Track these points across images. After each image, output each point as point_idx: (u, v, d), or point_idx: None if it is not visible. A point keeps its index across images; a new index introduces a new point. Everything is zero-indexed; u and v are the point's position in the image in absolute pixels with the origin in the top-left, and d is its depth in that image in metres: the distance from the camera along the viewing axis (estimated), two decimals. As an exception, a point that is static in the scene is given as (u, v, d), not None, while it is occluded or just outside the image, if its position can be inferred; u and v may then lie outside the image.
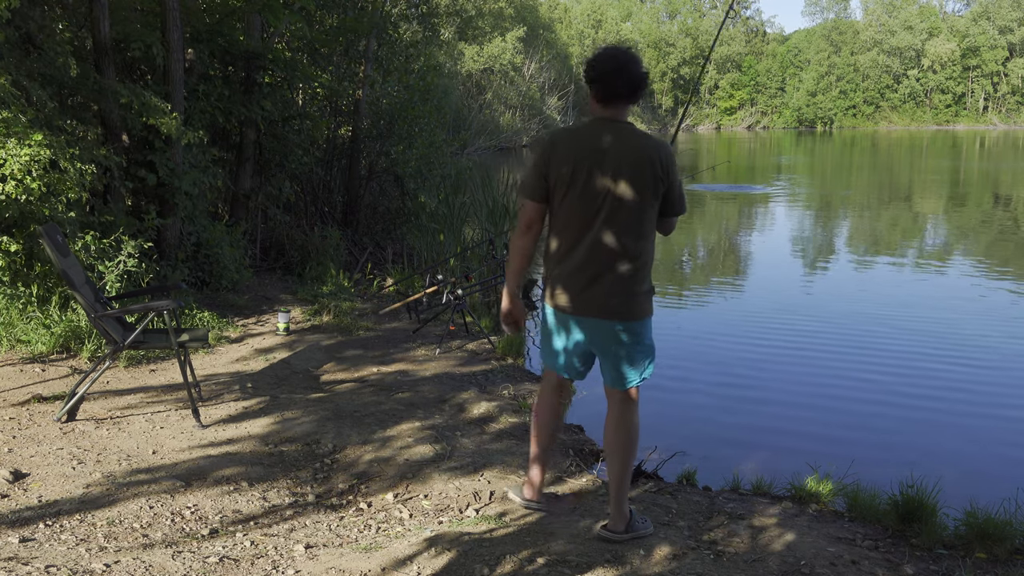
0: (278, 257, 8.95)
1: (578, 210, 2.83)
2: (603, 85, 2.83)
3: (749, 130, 74.26)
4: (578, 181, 2.81)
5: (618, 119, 2.86)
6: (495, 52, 39.33)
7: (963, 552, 3.16)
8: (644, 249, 2.88)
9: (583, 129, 2.88)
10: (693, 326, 7.88)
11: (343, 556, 2.95)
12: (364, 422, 4.39)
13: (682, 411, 5.52)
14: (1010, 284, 9.74)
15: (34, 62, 6.03)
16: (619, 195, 2.79)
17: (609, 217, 2.81)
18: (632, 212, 2.81)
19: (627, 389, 3.03)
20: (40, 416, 4.35)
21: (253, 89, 8.11)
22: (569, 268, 2.88)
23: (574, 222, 2.85)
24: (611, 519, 3.06)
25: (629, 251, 2.83)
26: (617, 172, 2.79)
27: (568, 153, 2.82)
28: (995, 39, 73.10)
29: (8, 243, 5.50)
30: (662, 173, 2.82)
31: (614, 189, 2.79)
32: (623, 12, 74.82)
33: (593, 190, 2.80)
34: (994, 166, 30.99)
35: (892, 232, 14.41)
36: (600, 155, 2.80)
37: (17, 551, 2.85)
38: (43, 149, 5.21)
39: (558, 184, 2.84)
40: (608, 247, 2.82)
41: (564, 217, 2.87)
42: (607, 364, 3.00)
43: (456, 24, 27.36)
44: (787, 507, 3.56)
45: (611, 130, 2.83)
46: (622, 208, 2.80)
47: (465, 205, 10.58)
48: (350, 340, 6.34)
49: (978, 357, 6.66)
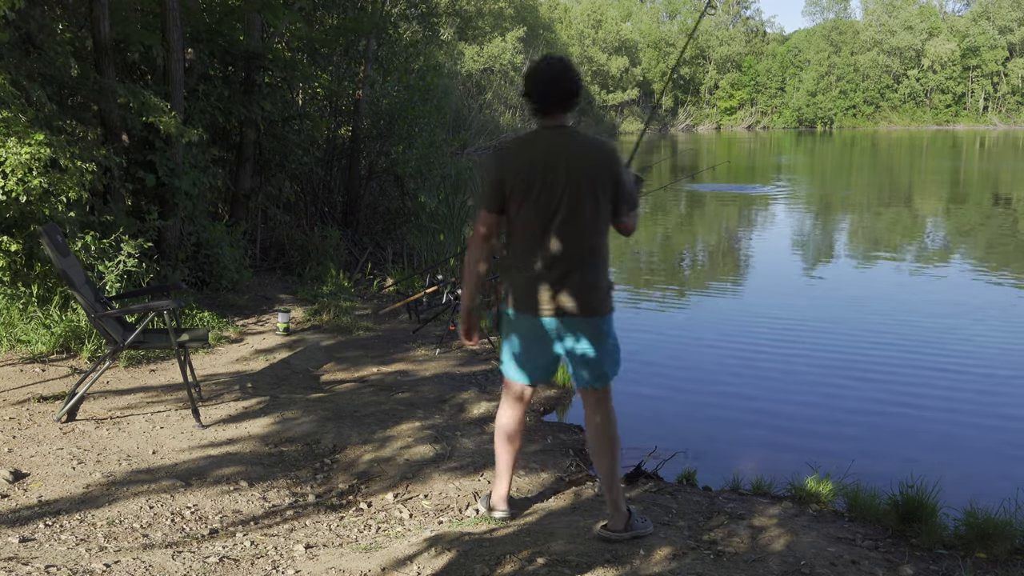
0: (278, 257, 8.95)
1: (535, 216, 2.93)
2: (538, 99, 2.97)
3: (749, 130, 74.23)
4: (532, 188, 2.92)
5: (563, 126, 2.99)
6: (495, 52, 39.34)
7: (963, 552, 3.16)
8: (600, 247, 2.99)
9: (532, 138, 3.00)
10: (693, 326, 7.88)
11: (343, 556, 2.95)
12: (364, 422, 4.39)
13: (682, 411, 5.52)
14: (1010, 284, 9.74)
15: (34, 62, 6.03)
16: (572, 198, 2.90)
17: (564, 220, 2.91)
18: (585, 213, 2.92)
19: (605, 387, 3.08)
20: (40, 416, 4.35)
21: (253, 89, 8.11)
22: (531, 272, 2.96)
23: (531, 228, 2.95)
24: (610, 519, 3.10)
25: (586, 250, 2.95)
26: (568, 176, 2.90)
27: (521, 163, 2.94)
28: (995, 39, 73.07)
29: (8, 243, 5.50)
30: (609, 173, 2.95)
31: (567, 193, 2.90)
32: (623, 12, 74.77)
33: (547, 195, 2.91)
34: (994, 166, 31.00)
35: (892, 232, 14.41)
36: (551, 162, 2.91)
37: (17, 551, 2.85)
38: (43, 148, 5.22)
39: (514, 193, 2.94)
40: (566, 249, 2.93)
41: (521, 224, 2.97)
42: (579, 364, 3.04)
43: (456, 24, 27.36)
44: (787, 507, 3.56)
45: (558, 137, 2.96)
46: (576, 210, 2.91)
47: (465, 205, 10.58)
48: (350, 340, 6.34)
49: (978, 357, 6.66)
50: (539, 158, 2.92)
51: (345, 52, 10.45)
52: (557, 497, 3.65)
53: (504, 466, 3.28)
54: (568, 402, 5.44)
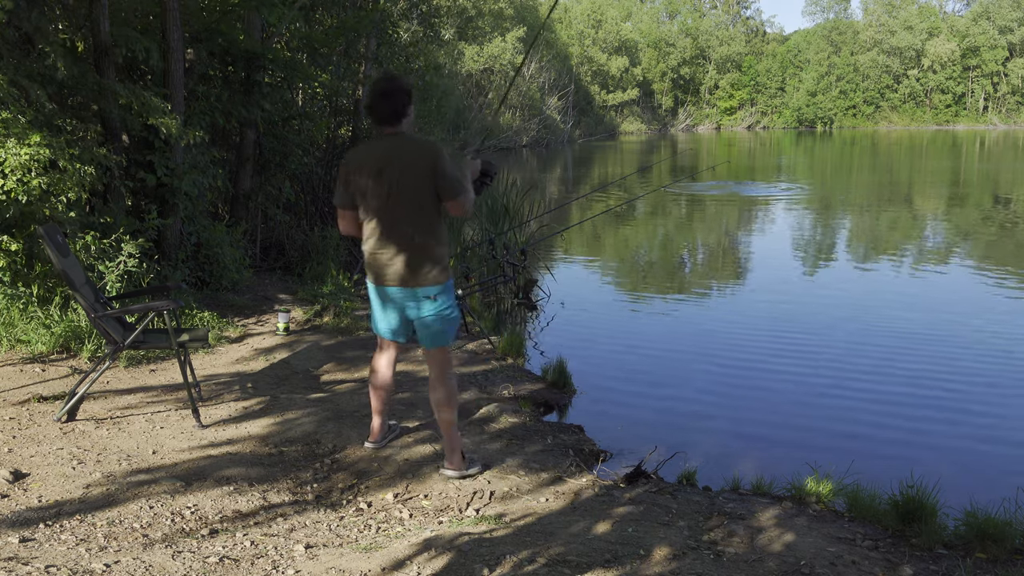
0: (278, 257, 8.95)
1: (374, 207, 3.59)
2: (370, 113, 3.63)
3: (749, 130, 74.18)
4: (370, 185, 3.57)
5: (396, 133, 3.59)
6: (495, 52, 39.30)
7: (963, 552, 3.16)
8: (427, 229, 3.58)
9: (371, 145, 3.66)
10: (693, 326, 7.88)
11: (343, 556, 2.95)
12: (364, 422, 4.39)
13: (682, 411, 5.52)
14: (1010, 284, 9.74)
15: (34, 62, 6.03)
16: (401, 190, 3.54)
17: (394, 208, 3.56)
18: (413, 201, 3.55)
19: (436, 348, 3.74)
20: (40, 416, 4.35)
21: (253, 89, 8.10)
22: (375, 251, 3.64)
23: (373, 216, 3.62)
24: (448, 460, 3.83)
25: (415, 232, 3.57)
26: (397, 173, 3.53)
27: (361, 166, 3.60)
28: (995, 39, 73.01)
29: (8, 243, 5.50)
30: (429, 167, 3.52)
31: (397, 186, 3.54)
32: (623, 12, 74.55)
33: (380, 189, 3.56)
34: (994, 166, 30.99)
35: (892, 233, 14.41)
36: (383, 163, 3.55)
37: (17, 551, 2.85)
38: (42, 149, 5.22)
39: (358, 191, 3.62)
40: (396, 231, 3.58)
41: (367, 214, 3.64)
42: (418, 327, 3.74)
43: (456, 24, 27.36)
44: (787, 507, 3.56)
45: (390, 143, 3.58)
46: (405, 200, 3.54)
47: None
48: (350, 340, 6.34)
49: (978, 357, 6.66)
50: (375, 160, 3.57)
51: (345, 52, 10.44)
52: (557, 497, 3.65)
53: (374, 408, 4.05)
54: (568, 403, 5.45)
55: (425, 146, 3.59)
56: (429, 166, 3.52)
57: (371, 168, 3.56)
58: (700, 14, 79.70)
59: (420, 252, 3.58)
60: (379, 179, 3.55)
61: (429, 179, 3.53)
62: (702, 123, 77.53)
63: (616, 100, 63.02)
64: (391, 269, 3.61)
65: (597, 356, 6.76)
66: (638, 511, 3.46)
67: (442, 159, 3.54)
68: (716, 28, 78.37)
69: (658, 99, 75.26)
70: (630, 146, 47.90)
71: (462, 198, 3.59)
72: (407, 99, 3.57)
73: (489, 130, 6.95)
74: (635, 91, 65.73)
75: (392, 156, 3.54)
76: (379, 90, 3.57)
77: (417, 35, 13.04)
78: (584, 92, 57.87)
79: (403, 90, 3.57)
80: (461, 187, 3.58)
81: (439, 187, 3.54)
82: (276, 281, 8.30)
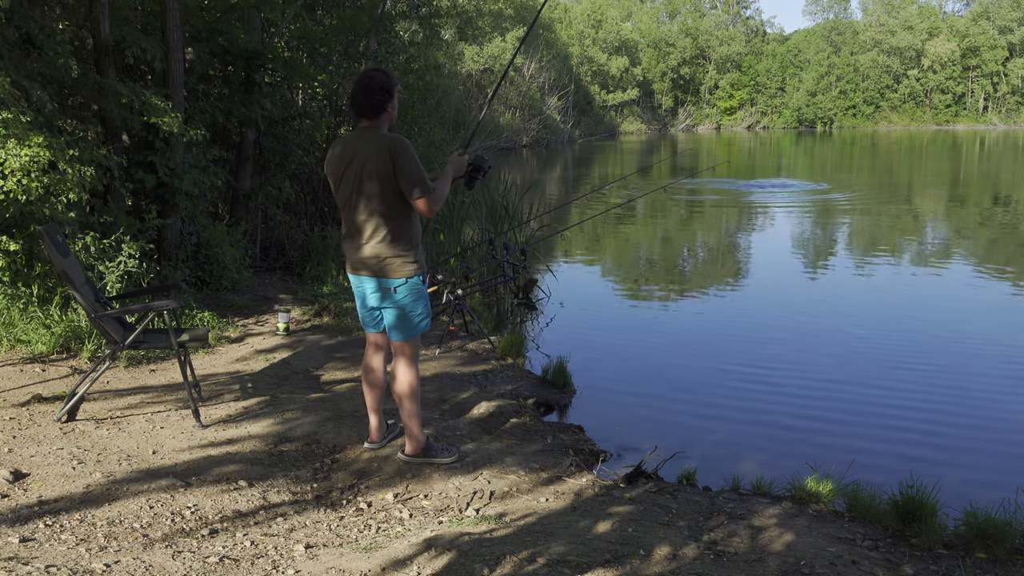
0: (278, 257, 8.95)
1: (343, 197, 3.71)
2: (352, 106, 3.71)
3: (749, 130, 74.15)
4: (339, 177, 3.69)
5: (370, 127, 3.67)
6: (495, 52, 39.28)
7: (963, 552, 3.16)
8: (391, 222, 3.64)
9: (345, 138, 3.75)
10: (693, 325, 7.88)
11: (343, 556, 2.95)
12: (364, 422, 4.39)
13: (682, 411, 5.52)
14: (1010, 284, 9.74)
15: (34, 62, 6.03)
16: (365, 183, 3.61)
17: (359, 200, 3.64)
18: (377, 194, 3.60)
19: (399, 342, 3.80)
20: (40, 416, 4.35)
21: (253, 89, 8.10)
22: (344, 240, 3.77)
23: (343, 206, 3.73)
24: (407, 445, 3.92)
25: (379, 224, 3.63)
26: (362, 167, 3.60)
27: (332, 158, 3.72)
28: (995, 39, 72.97)
29: (8, 243, 5.50)
30: (392, 164, 3.56)
31: (361, 179, 3.62)
32: (623, 12, 74.52)
33: (349, 182, 3.66)
34: (994, 166, 30.99)
35: (891, 232, 14.41)
36: (351, 156, 3.64)
37: (17, 551, 2.85)
38: (42, 150, 5.21)
39: (332, 182, 3.75)
40: (361, 223, 3.66)
41: (339, 205, 3.77)
42: (385, 318, 3.82)
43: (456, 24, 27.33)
44: (787, 507, 3.56)
45: (361, 136, 3.66)
46: (369, 192, 3.61)
47: (465, 205, 10.57)
48: (350, 340, 6.34)
49: (978, 357, 6.66)
50: (346, 153, 3.66)
51: (345, 52, 10.44)
52: (557, 497, 3.65)
53: (369, 406, 4.07)
54: (568, 402, 5.45)
55: (389, 142, 3.60)
56: (391, 162, 3.56)
57: (343, 160, 3.66)
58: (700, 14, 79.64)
59: (381, 244, 3.65)
60: (348, 170, 3.64)
61: (390, 174, 3.58)
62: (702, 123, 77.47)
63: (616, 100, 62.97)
64: (356, 258, 3.72)
65: (597, 356, 6.76)
66: (638, 511, 3.46)
67: (402, 156, 3.56)
68: (716, 28, 78.29)
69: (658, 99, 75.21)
70: (630, 146, 47.86)
71: (426, 196, 3.60)
72: (387, 95, 3.63)
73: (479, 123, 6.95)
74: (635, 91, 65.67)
75: (359, 149, 3.61)
76: (361, 83, 3.64)
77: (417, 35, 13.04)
78: (584, 92, 57.84)
79: (383, 86, 3.63)
80: (423, 185, 3.59)
81: (400, 183, 3.58)
82: (276, 281, 8.30)
